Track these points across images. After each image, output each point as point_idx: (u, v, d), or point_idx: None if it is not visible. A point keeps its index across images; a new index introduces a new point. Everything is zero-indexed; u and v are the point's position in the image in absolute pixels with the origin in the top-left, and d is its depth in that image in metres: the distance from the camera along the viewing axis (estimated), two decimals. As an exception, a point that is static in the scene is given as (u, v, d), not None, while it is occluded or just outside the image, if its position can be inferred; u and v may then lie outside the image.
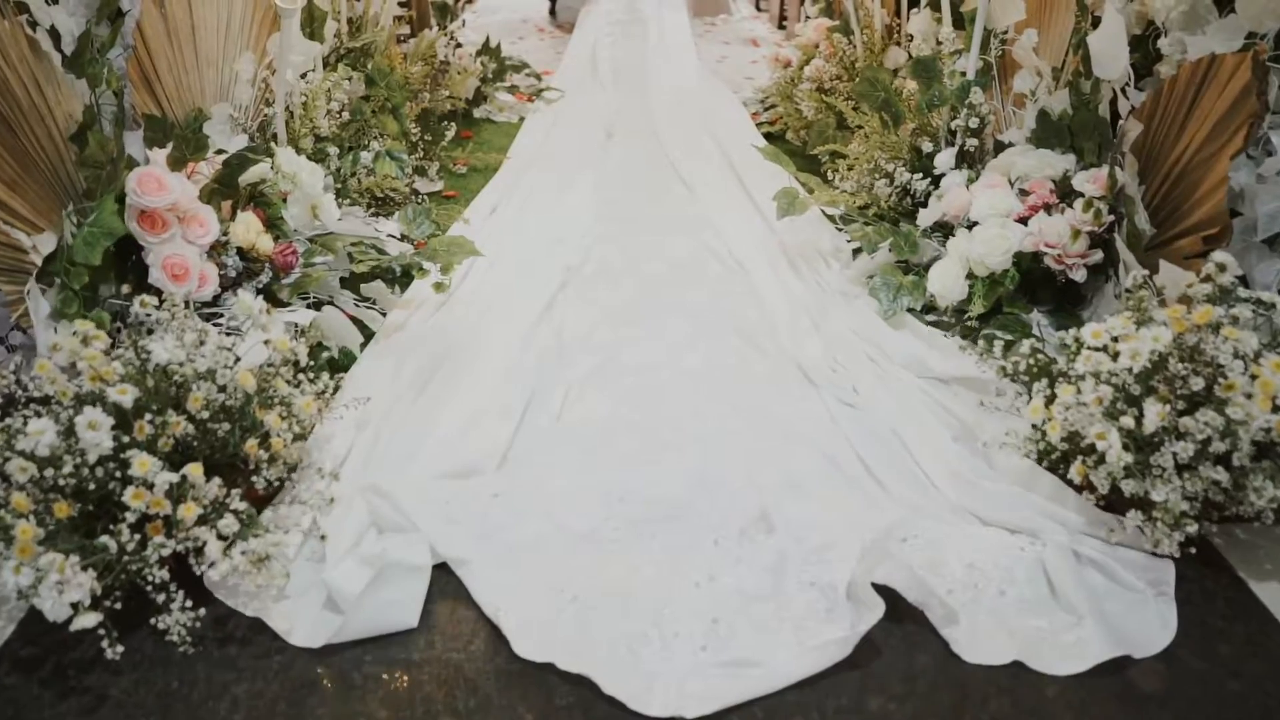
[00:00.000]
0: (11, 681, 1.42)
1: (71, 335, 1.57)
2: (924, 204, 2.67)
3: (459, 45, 4.19)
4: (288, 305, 2.15)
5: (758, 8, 6.59)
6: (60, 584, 1.36)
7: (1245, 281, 1.83)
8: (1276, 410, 1.50)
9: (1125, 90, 2.18)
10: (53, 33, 1.89)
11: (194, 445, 1.56)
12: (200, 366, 1.60)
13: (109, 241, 1.89)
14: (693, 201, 3.19)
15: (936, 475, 1.83)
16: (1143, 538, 1.60)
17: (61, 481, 1.43)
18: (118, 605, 1.43)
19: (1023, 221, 2.32)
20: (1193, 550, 1.55)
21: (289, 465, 1.70)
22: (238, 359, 1.68)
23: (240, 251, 2.12)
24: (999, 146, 2.61)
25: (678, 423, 1.99)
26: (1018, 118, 2.62)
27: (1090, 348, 1.66)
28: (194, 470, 1.48)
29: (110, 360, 1.57)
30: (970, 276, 2.33)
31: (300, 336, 1.89)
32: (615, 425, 1.99)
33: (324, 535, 1.62)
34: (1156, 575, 1.58)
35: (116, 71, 2.05)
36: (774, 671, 1.42)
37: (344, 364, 2.12)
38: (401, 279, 2.45)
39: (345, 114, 3.02)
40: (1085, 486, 1.66)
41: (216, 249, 2.07)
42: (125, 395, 1.49)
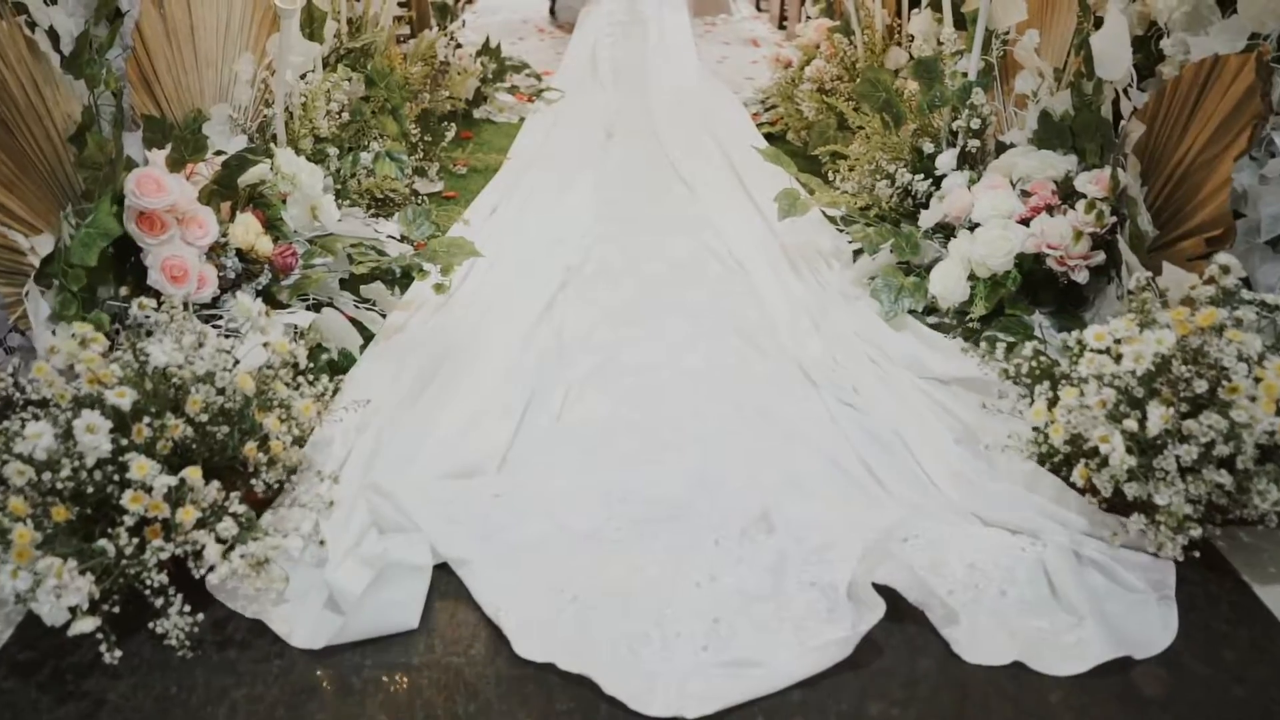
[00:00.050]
0: (9, 686, 1.41)
1: (70, 338, 1.56)
2: (925, 205, 2.67)
3: (459, 46, 4.18)
4: (287, 307, 2.15)
5: (758, 8, 6.58)
6: (58, 588, 1.36)
7: (1248, 283, 1.82)
8: (1280, 413, 1.50)
9: (1127, 91, 2.18)
10: (51, 33, 1.88)
11: (193, 448, 1.55)
12: (199, 369, 1.59)
13: (105, 242, 1.89)
14: (693, 201, 3.19)
15: (937, 475, 1.83)
16: (1145, 540, 1.59)
17: (59, 485, 1.42)
18: (116, 609, 1.42)
19: (1024, 223, 2.32)
20: (1196, 554, 1.55)
21: (288, 468, 1.69)
22: (236, 361, 1.67)
23: (239, 253, 2.12)
24: (1000, 147, 2.60)
25: (678, 423, 2.00)
26: (1019, 119, 2.61)
27: (1093, 350, 1.66)
28: (193, 473, 1.47)
29: (109, 363, 1.57)
30: (972, 278, 2.32)
31: (299, 338, 1.88)
32: (615, 425, 2.00)
33: (323, 540, 1.61)
34: (1157, 576, 1.58)
35: (115, 72, 2.04)
36: (775, 672, 1.41)
37: (344, 366, 2.11)
38: (401, 280, 2.46)
39: (345, 115, 3.01)
40: (1088, 489, 1.66)
41: (215, 250, 2.07)
42: (124, 398, 1.48)
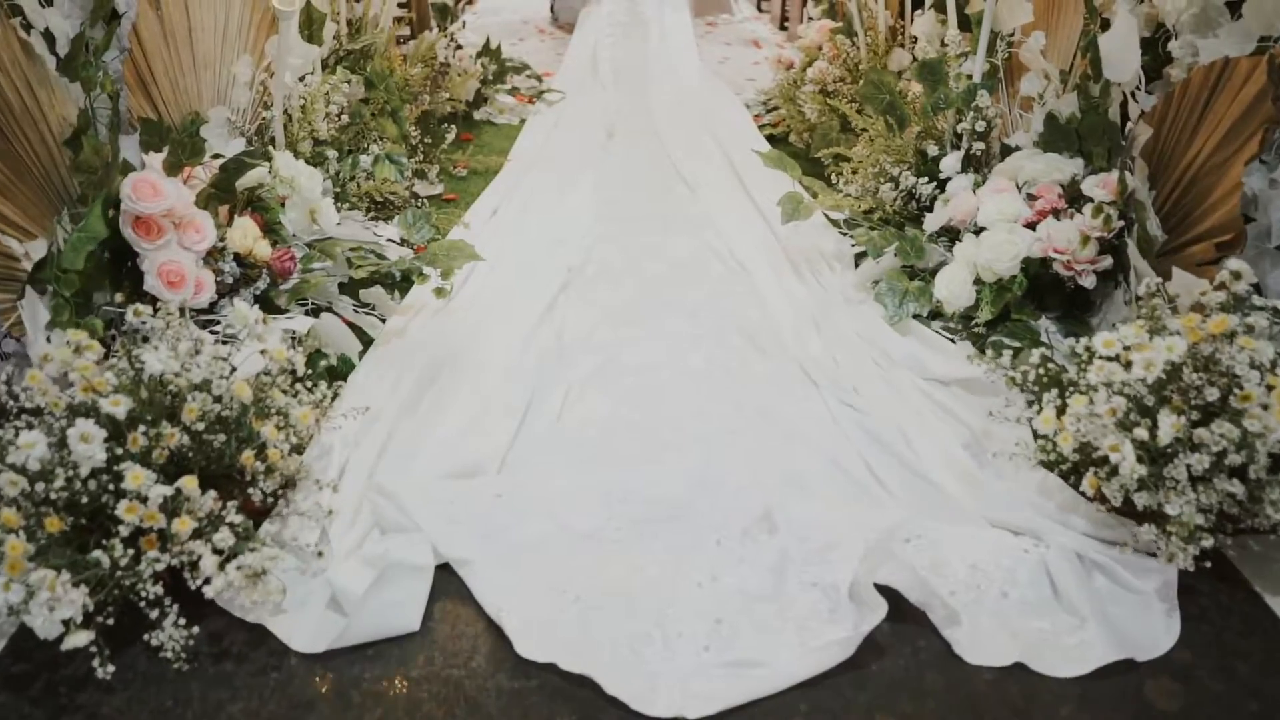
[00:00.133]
0: (2, 700, 1.39)
1: (64, 345, 1.53)
2: (929, 208, 2.65)
3: (459, 47, 4.16)
4: (285, 311, 2.12)
5: (759, 8, 6.55)
6: (51, 600, 1.34)
7: (1259, 289, 1.80)
8: (1293, 421, 1.47)
9: (1135, 93, 2.15)
10: (47, 35, 1.86)
11: (189, 457, 1.53)
12: (195, 377, 1.57)
13: (92, 245, 1.85)
14: (694, 201, 3.18)
15: (939, 476, 1.82)
16: (1156, 549, 1.57)
17: (53, 495, 1.40)
18: (110, 621, 1.40)
19: (1031, 227, 2.29)
20: (1207, 564, 1.53)
21: (286, 477, 1.67)
22: (233, 369, 1.65)
23: (237, 257, 2.09)
24: (1006, 150, 2.58)
25: (679, 423, 1.99)
26: (1025, 121, 2.59)
27: (1103, 357, 1.64)
28: (189, 483, 1.45)
29: (103, 370, 1.54)
30: (978, 282, 2.30)
31: (298, 345, 1.86)
32: (616, 425, 2.00)
33: (320, 552, 1.59)
34: (1160, 578, 1.56)
35: (112, 75, 2.02)
36: (777, 672, 1.42)
37: (343, 371, 2.09)
38: (401, 284, 2.44)
39: (344, 117, 2.99)
40: (1097, 498, 1.63)
41: (213, 255, 2.05)
42: (119, 406, 1.46)
